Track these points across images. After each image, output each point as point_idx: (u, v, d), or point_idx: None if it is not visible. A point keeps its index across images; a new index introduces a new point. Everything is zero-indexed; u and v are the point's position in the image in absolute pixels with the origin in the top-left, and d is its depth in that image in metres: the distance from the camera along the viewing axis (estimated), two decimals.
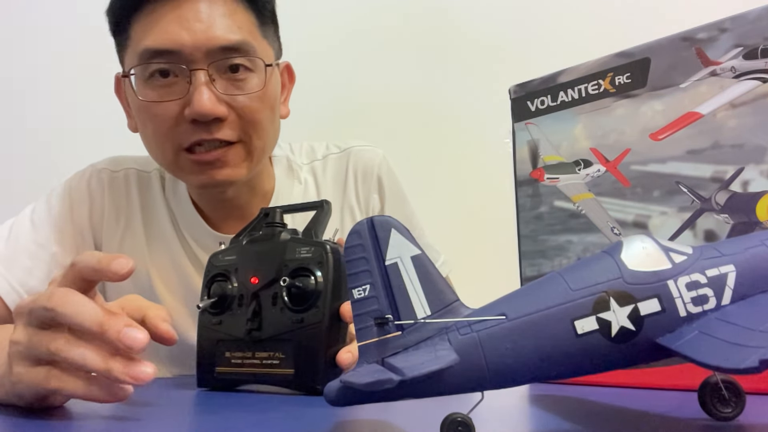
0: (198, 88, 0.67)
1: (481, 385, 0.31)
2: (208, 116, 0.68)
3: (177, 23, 0.67)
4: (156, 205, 0.84)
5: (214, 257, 0.60)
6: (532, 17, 1.44)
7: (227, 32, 0.69)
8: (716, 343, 0.29)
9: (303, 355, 0.53)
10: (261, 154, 0.75)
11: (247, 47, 0.70)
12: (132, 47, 0.71)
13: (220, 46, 0.68)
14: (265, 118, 0.73)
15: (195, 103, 0.67)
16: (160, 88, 0.69)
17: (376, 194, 0.89)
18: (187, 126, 0.69)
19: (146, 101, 0.70)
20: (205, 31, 0.67)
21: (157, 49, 0.68)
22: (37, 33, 1.52)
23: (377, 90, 1.44)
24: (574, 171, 0.54)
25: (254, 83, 0.71)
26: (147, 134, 0.73)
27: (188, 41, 0.67)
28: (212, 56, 0.68)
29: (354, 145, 0.91)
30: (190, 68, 0.68)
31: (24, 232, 0.78)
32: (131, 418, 0.43)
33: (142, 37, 0.69)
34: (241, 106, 0.70)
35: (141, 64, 0.69)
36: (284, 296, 0.54)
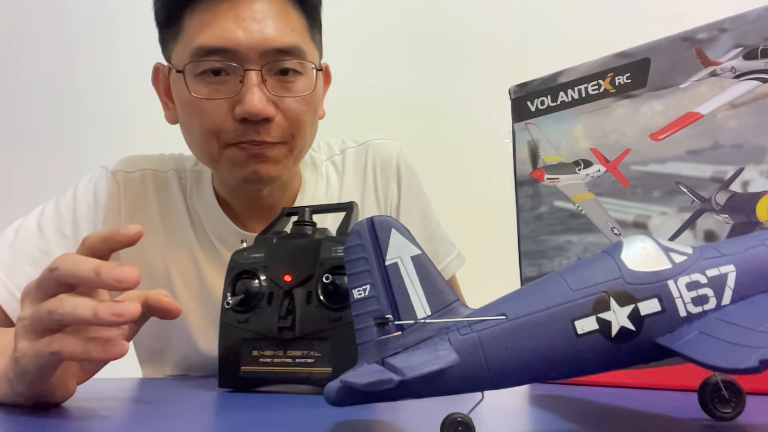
0: (250, 88, 0.68)
1: (481, 385, 0.31)
2: (259, 116, 0.68)
3: (233, 21, 0.68)
4: (175, 207, 0.82)
5: (238, 255, 0.59)
6: (532, 17, 1.44)
7: (282, 34, 0.69)
8: (716, 343, 0.29)
9: (341, 354, 0.52)
10: (299, 154, 0.76)
11: (300, 50, 0.71)
12: (184, 41, 0.70)
13: (274, 48, 0.69)
14: (308, 120, 0.73)
15: (247, 103, 0.67)
16: (211, 84, 0.69)
17: (395, 185, 0.89)
18: (236, 124, 0.69)
19: (197, 97, 0.70)
20: (260, 32, 0.68)
21: (212, 46, 0.68)
22: (38, 32, 1.52)
23: (377, 90, 1.44)
24: (574, 171, 0.54)
25: (302, 86, 0.72)
26: (192, 129, 0.73)
27: (244, 40, 0.67)
28: (266, 57, 0.68)
29: (371, 139, 0.91)
30: (244, 68, 0.68)
31: (30, 238, 0.76)
32: (133, 417, 0.43)
33: (197, 33, 0.69)
34: (288, 108, 0.71)
35: (193, 62, 0.69)
36: (320, 294, 0.54)
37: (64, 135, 1.49)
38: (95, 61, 1.48)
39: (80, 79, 1.49)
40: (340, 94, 1.40)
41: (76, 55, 1.49)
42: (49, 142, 1.49)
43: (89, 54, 1.49)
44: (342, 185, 0.88)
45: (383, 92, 1.44)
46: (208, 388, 0.60)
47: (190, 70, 0.70)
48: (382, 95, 1.44)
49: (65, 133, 1.49)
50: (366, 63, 1.46)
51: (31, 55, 1.52)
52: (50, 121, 1.51)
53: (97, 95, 1.47)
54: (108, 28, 1.33)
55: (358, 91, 1.42)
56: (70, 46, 1.50)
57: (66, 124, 1.50)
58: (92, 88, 1.48)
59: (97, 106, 1.48)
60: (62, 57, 1.50)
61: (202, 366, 0.81)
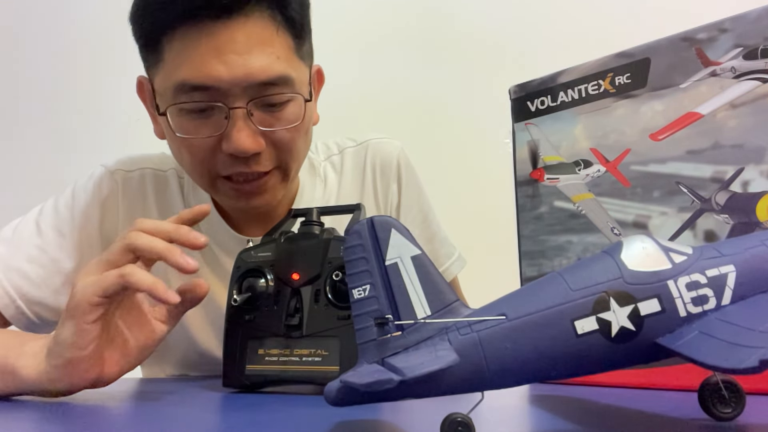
0: (237, 125, 0.65)
1: (481, 385, 0.31)
2: (247, 153, 0.66)
3: (214, 55, 0.63)
4: (174, 207, 0.81)
5: (245, 253, 0.59)
6: (533, 17, 1.44)
7: (267, 65, 0.65)
8: (716, 343, 0.29)
9: (349, 352, 0.52)
10: (295, 174, 0.75)
11: (287, 80, 0.67)
12: (165, 72, 0.67)
13: (259, 82, 0.65)
14: (301, 143, 0.71)
15: (233, 142, 0.65)
16: (196, 120, 0.67)
17: (395, 186, 0.87)
18: (225, 158, 0.67)
19: (182, 136, 0.68)
20: (243, 65, 0.64)
21: (194, 83, 0.64)
22: (38, 31, 1.52)
23: (376, 90, 1.44)
24: (574, 171, 0.54)
25: (291, 114, 0.69)
26: (181, 158, 0.72)
27: (226, 76, 0.63)
28: (251, 92, 0.65)
29: (371, 138, 0.90)
30: (229, 106, 0.65)
31: (27, 236, 0.76)
32: (133, 417, 0.43)
33: (177, 66, 0.65)
34: (278, 138, 0.68)
35: (176, 104, 0.66)
36: (328, 293, 0.54)
37: (65, 135, 1.49)
38: (95, 60, 1.48)
39: (80, 78, 1.49)
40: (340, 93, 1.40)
41: (77, 55, 1.49)
42: (49, 142, 1.49)
43: (89, 53, 1.49)
44: (340, 186, 0.87)
45: (383, 92, 1.44)
46: (210, 388, 0.60)
47: (173, 108, 0.67)
48: (381, 95, 1.44)
49: (65, 133, 1.49)
50: (366, 63, 1.46)
51: (31, 54, 1.52)
52: (51, 121, 1.51)
53: (98, 95, 1.47)
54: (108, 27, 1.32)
55: (358, 90, 1.42)
56: (70, 45, 1.50)
57: (66, 124, 1.50)
58: (92, 88, 1.48)
59: (98, 105, 1.48)
60: (62, 56, 1.50)
61: (201, 365, 0.80)
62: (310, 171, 0.87)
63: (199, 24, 0.63)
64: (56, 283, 0.75)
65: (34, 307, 0.73)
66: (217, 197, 0.75)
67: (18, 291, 0.72)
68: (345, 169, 0.88)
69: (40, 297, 0.73)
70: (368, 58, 1.46)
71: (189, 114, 0.67)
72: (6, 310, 0.72)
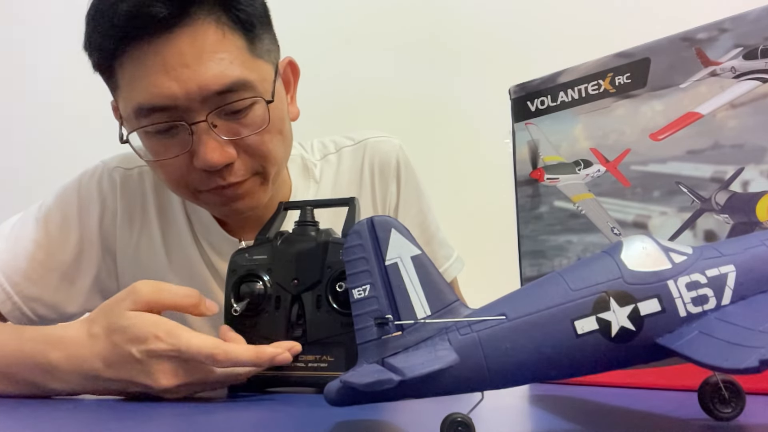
0: (201, 139, 0.64)
1: (481, 385, 0.31)
2: (217, 167, 0.65)
3: (163, 73, 0.62)
4: (173, 206, 0.81)
5: (239, 256, 0.57)
6: (533, 17, 1.44)
7: (218, 73, 0.62)
8: (716, 343, 0.29)
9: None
10: (277, 176, 0.73)
11: (244, 84, 0.64)
12: (123, 97, 0.66)
13: (214, 92, 0.63)
14: (274, 145, 0.69)
15: (201, 157, 0.64)
16: (162, 140, 0.66)
17: (393, 186, 0.86)
18: (200, 173, 0.66)
19: (153, 159, 0.68)
20: (194, 78, 0.62)
21: (150, 106, 0.63)
22: (39, 31, 1.52)
23: (376, 90, 1.44)
24: (574, 171, 0.54)
25: (258, 116, 0.66)
26: (161, 179, 0.72)
27: (179, 93, 0.62)
28: (209, 104, 0.63)
29: (369, 137, 0.88)
30: (189, 122, 0.63)
31: (25, 232, 0.76)
32: (134, 416, 0.43)
33: (131, 90, 0.64)
34: (249, 144, 0.67)
35: (138, 129, 0.66)
36: (329, 298, 0.54)
37: (64, 134, 1.49)
38: None
39: (80, 78, 1.49)
40: (340, 93, 1.40)
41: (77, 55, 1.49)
42: (49, 142, 1.49)
43: None
44: (335, 186, 0.85)
45: (383, 92, 1.44)
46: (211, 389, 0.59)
47: (138, 133, 0.67)
48: (381, 95, 1.44)
49: (65, 132, 1.49)
50: (365, 63, 1.46)
51: (31, 54, 1.52)
52: (50, 121, 1.51)
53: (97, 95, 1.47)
54: None
55: (357, 90, 1.42)
56: (70, 45, 1.50)
57: (66, 124, 1.50)
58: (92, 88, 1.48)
59: (97, 105, 1.48)
60: (63, 56, 1.50)
61: None
62: (303, 172, 0.85)
63: (142, 44, 0.62)
64: (54, 279, 0.75)
65: (30, 303, 0.73)
66: (203, 207, 0.75)
67: (15, 287, 0.73)
68: (342, 168, 0.86)
69: (37, 294, 0.73)
70: (368, 58, 1.46)
71: (154, 136, 0.66)
72: (2, 306, 0.72)
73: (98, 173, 0.81)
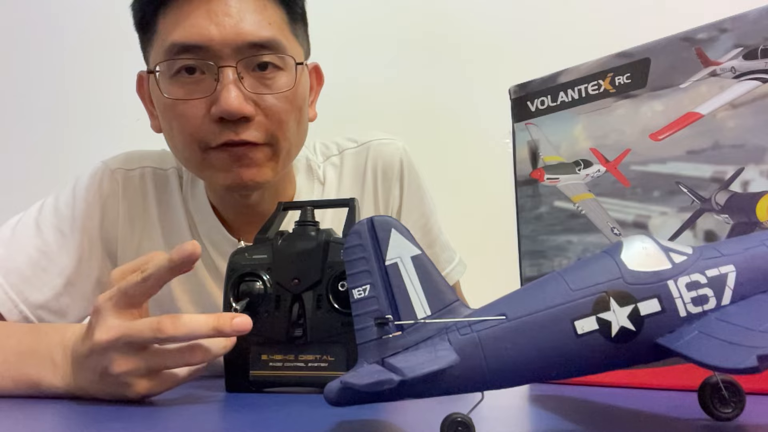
0: (226, 86, 0.65)
1: (481, 385, 0.31)
2: (236, 115, 0.66)
3: (206, 17, 0.66)
4: (174, 207, 0.81)
5: (238, 256, 0.57)
6: (533, 17, 1.44)
7: (257, 28, 0.67)
8: (716, 343, 0.29)
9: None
10: (287, 157, 0.73)
11: (277, 44, 0.68)
12: (158, 42, 0.69)
13: (249, 42, 0.66)
14: (291, 119, 0.71)
15: (222, 102, 0.65)
16: (186, 85, 0.68)
17: (396, 189, 0.86)
18: (214, 125, 0.67)
19: (172, 99, 0.68)
20: (234, 26, 0.66)
21: (185, 43, 0.66)
22: (39, 31, 1.52)
23: (376, 90, 1.44)
24: (574, 171, 0.54)
25: (283, 82, 0.69)
26: (172, 133, 0.71)
27: (217, 36, 0.65)
28: (241, 53, 0.66)
29: (372, 139, 0.87)
30: (218, 65, 0.66)
31: (27, 237, 0.75)
32: (134, 416, 0.43)
33: (170, 32, 0.67)
34: (268, 106, 0.68)
35: (167, 60, 0.67)
36: (330, 298, 0.54)
37: (65, 135, 1.49)
38: (96, 60, 1.48)
39: (81, 78, 1.49)
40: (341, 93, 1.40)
41: (77, 54, 1.49)
42: (49, 142, 1.49)
43: (90, 53, 1.49)
44: (339, 189, 0.85)
45: (382, 92, 1.44)
46: (210, 388, 0.60)
47: (164, 70, 0.68)
48: (381, 95, 1.44)
49: (66, 132, 1.49)
50: (365, 63, 1.45)
51: (31, 53, 1.52)
52: (51, 121, 1.51)
53: (98, 94, 1.47)
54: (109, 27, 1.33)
55: (358, 90, 1.42)
56: (70, 44, 1.50)
57: (67, 124, 1.50)
58: (93, 88, 1.48)
59: (98, 105, 1.48)
60: (63, 56, 1.50)
61: None
62: (307, 174, 0.85)
63: None
64: (58, 285, 0.74)
65: (37, 311, 0.73)
66: (209, 175, 0.73)
67: (20, 295, 0.72)
68: (345, 171, 0.86)
69: (42, 300, 0.73)
70: (368, 58, 1.46)
71: (179, 79, 0.68)
72: (9, 314, 0.71)
73: (99, 174, 0.80)
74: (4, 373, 0.55)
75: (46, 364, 0.54)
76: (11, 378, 0.55)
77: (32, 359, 0.55)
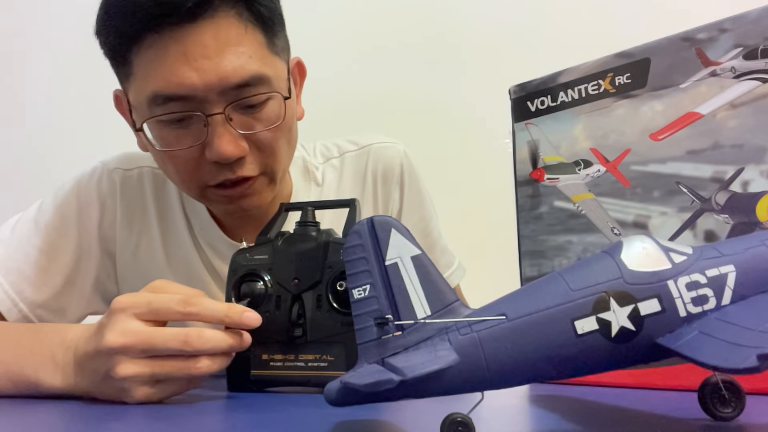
0: (216, 131, 0.64)
1: (481, 385, 0.31)
2: (230, 159, 0.65)
3: (184, 62, 0.62)
4: (172, 208, 0.81)
5: (240, 256, 0.57)
6: (532, 17, 1.44)
7: (239, 66, 0.63)
8: (716, 343, 0.29)
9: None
10: (282, 175, 0.73)
11: (262, 79, 0.65)
12: (136, 85, 0.66)
13: (233, 84, 0.63)
14: (283, 143, 0.70)
15: (215, 149, 0.64)
16: (175, 131, 0.66)
17: (397, 193, 0.86)
18: (210, 166, 0.66)
19: (164, 149, 0.67)
20: (215, 70, 0.62)
21: (167, 95, 0.63)
22: (39, 30, 1.52)
23: (376, 90, 1.44)
24: (574, 171, 0.54)
25: (272, 113, 0.67)
26: (168, 172, 0.71)
27: (199, 84, 0.62)
28: (227, 96, 0.63)
29: (373, 142, 0.87)
30: (206, 113, 0.63)
31: (26, 237, 0.75)
32: (134, 416, 0.43)
33: (147, 78, 0.64)
34: (260, 140, 0.67)
35: (153, 118, 0.65)
36: (331, 299, 0.54)
37: (64, 134, 1.49)
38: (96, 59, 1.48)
39: (80, 78, 1.49)
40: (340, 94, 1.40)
41: (77, 54, 1.49)
42: (49, 142, 1.49)
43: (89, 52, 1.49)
44: (339, 191, 0.85)
45: (382, 92, 1.44)
46: (210, 388, 0.60)
47: (151, 123, 0.66)
48: (380, 95, 1.44)
49: (65, 132, 1.49)
50: (365, 64, 1.45)
51: (31, 53, 1.52)
52: (50, 120, 1.51)
53: (97, 94, 1.47)
54: None
55: (358, 91, 1.42)
56: (70, 44, 1.50)
57: (66, 124, 1.50)
58: (92, 88, 1.48)
59: (97, 105, 1.48)
60: (63, 56, 1.50)
61: None
62: (303, 174, 0.85)
63: (164, 32, 0.61)
64: (57, 284, 0.75)
65: (36, 310, 0.73)
66: (209, 205, 0.75)
67: (20, 294, 0.72)
68: (345, 173, 0.86)
69: (42, 300, 0.73)
70: (368, 59, 1.46)
71: (167, 126, 0.66)
72: (9, 314, 0.72)
73: (97, 174, 0.80)
74: (3, 373, 0.55)
75: (46, 363, 0.54)
76: (10, 378, 0.55)
77: (32, 359, 0.55)
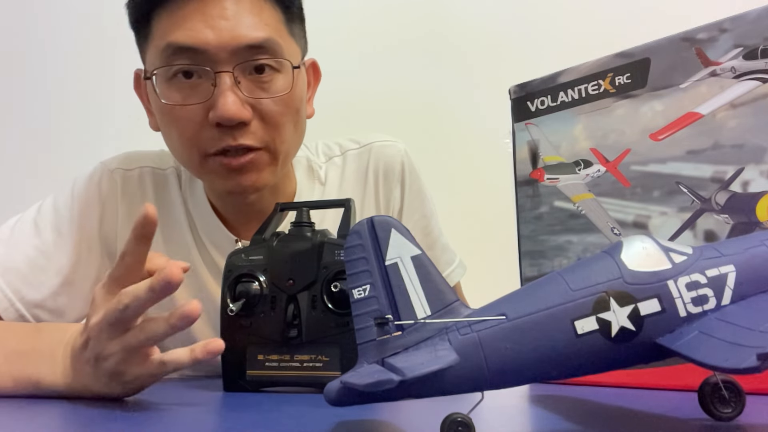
0: (223, 91, 0.65)
1: (481, 385, 0.31)
2: (233, 121, 0.66)
3: (202, 20, 0.65)
4: (173, 207, 0.81)
5: (235, 257, 0.58)
6: (533, 17, 1.44)
7: (253, 30, 0.66)
8: (716, 343, 0.29)
9: (350, 358, 0.52)
10: (285, 159, 0.73)
11: (274, 46, 0.68)
12: (154, 43, 0.68)
13: (245, 45, 0.66)
14: (288, 122, 0.71)
15: (220, 107, 0.65)
16: (183, 89, 0.67)
17: (398, 191, 0.86)
18: (213, 131, 0.67)
19: (169, 104, 0.68)
20: (230, 30, 0.65)
21: (181, 45, 0.65)
22: (39, 30, 1.52)
23: (377, 90, 1.44)
24: (574, 171, 0.54)
25: (280, 85, 0.69)
26: (171, 137, 0.71)
27: (213, 40, 0.65)
28: (238, 56, 0.66)
29: (375, 141, 0.88)
30: (215, 70, 0.66)
31: (25, 236, 0.75)
32: (132, 416, 0.43)
33: (165, 33, 0.66)
34: (265, 110, 0.68)
35: (164, 66, 0.67)
36: (325, 299, 0.54)
37: (65, 135, 1.49)
38: (96, 59, 1.48)
39: (80, 78, 1.49)
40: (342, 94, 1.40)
41: (77, 54, 1.49)
42: (49, 142, 1.49)
43: (89, 52, 1.49)
44: (341, 189, 0.85)
45: (382, 93, 1.44)
46: (210, 388, 0.60)
47: (161, 74, 0.68)
48: (381, 96, 1.44)
49: (65, 132, 1.49)
50: (365, 64, 1.45)
51: (31, 53, 1.52)
52: (50, 120, 1.51)
53: (98, 94, 1.47)
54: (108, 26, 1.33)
55: (358, 91, 1.42)
56: (70, 44, 1.50)
57: (66, 124, 1.50)
58: (92, 88, 1.48)
59: (98, 105, 1.48)
60: (62, 55, 1.50)
61: (201, 365, 0.80)
62: (308, 173, 0.85)
63: None
64: (55, 284, 0.74)
65: (33, 310, 0.73)
66: (208, 179, 0.74)
67: (17, 294, 0.72)
68: (347, 172, 0.86)
69: (39, 299, 0.73)
70: (368, 59, 1.46)
71: (176, 83, 0.67)
72: (6, 313, 0.71)
73: (98, 175, 0.80)
74: (5, 371, 0.55)
75: (46, 362, 0.54)
76: (11, 377, 0.55)
77: (33, 358, 0.55)
